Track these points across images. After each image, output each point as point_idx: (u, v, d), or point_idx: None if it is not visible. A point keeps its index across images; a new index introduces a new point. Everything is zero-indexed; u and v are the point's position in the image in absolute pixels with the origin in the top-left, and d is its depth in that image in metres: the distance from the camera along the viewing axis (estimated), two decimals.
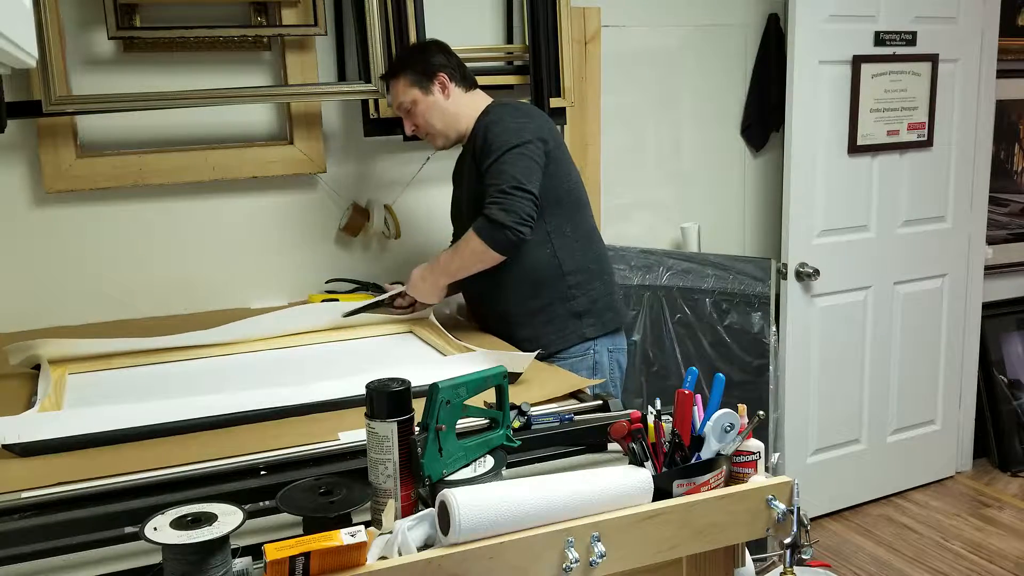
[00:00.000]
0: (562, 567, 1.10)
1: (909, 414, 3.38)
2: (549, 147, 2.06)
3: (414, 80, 2.13)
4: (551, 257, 2.10)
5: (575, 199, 2.15)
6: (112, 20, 2.18)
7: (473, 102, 2.17)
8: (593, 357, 2.15)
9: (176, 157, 2.35)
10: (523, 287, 2.11)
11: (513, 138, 2.01)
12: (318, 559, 0.97)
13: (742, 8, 3.09)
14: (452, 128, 2.17)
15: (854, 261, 3.13)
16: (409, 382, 1.20)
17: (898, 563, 2.93)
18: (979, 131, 3.34)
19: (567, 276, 2.12)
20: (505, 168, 1.98)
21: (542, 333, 2.11)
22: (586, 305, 2.14)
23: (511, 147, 2.00)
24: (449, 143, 2.20)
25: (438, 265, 2.11)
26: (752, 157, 3.21)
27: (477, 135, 2.09)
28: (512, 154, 1.99)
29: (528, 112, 2.13)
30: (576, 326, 2.13)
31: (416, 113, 2.15)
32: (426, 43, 2.24)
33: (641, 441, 1.29)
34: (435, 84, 2.13)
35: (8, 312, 2.26)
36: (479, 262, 2.03)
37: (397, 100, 2.17)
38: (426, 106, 2.14)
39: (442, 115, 2.15)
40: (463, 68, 2.19)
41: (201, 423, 1.49)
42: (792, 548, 1.24)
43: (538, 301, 2.11)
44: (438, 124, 2.16)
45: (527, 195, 1.96)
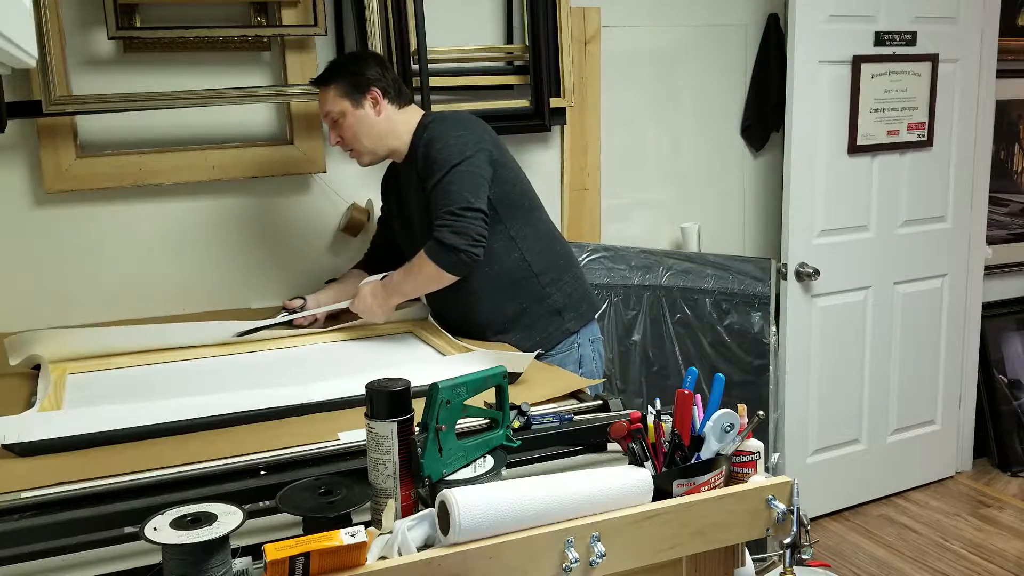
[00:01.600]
0: (562, 567, 1.10)
1: (909, 414, 3.38)
2: (493, 156, 2.03)
3: (345, 91, 2.05)
4: (520, 260, 2.09)
5: (529, 200, 2.14)
6: (112, 20, 2.18)
7: (406, 119, 2.10)
8: (578, 351, 2.15)
9: (176, 157, 2.35)
10: (498, 295, 2.09)
11: (455, 155, 1.97)
12: (318, 559, 0.97)
13: (742, 8, 3.09)
14: (381, 145, 2.10)
15: (854, 261, 3.13)
16: (409, 382, 1.20)
17: (898, 563, 2.93)
18: (979, 131, 3.34)
19: (539, 276, 2.11)
20: (451, 188, 1.94)
21: (526, 336, 2.09)
22: (563, 301, 2.13)
23: (454, 164, 1.96)
24: (376, 160, 2.14)
25: (391, 285, 2.05)
26: (752, 157, 3.21)
27: (418, 152, 2.03)
28: (456, 172, 1.95)
29: (466, 123, 2.07)
30: (558, 323, 2.13)
31: (344, 126, 2.07)
32: (363, 54, 2.18)
33: (641, 441, 1.29)
34: (367, 98, 2.05)
35: (8, 312, 2.26)
36: (434, 284, 2.01)
37: (325, 109, 2.08)
38: (355, 120, 2.06)
39: (370, 131, 2.07)
40: (399, 84, 2.12)
41: (201, 423, 1.49)
42: (792, 548, 1.24)
43: (516, 305, 2.10)
44: (365, 141, 2.08)
45: (476, 214, 1.93)
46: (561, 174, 2.87)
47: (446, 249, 1.92)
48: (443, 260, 1.94)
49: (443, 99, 2.60)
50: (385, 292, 2.06)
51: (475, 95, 2.65)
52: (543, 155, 2.84)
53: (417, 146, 2.05)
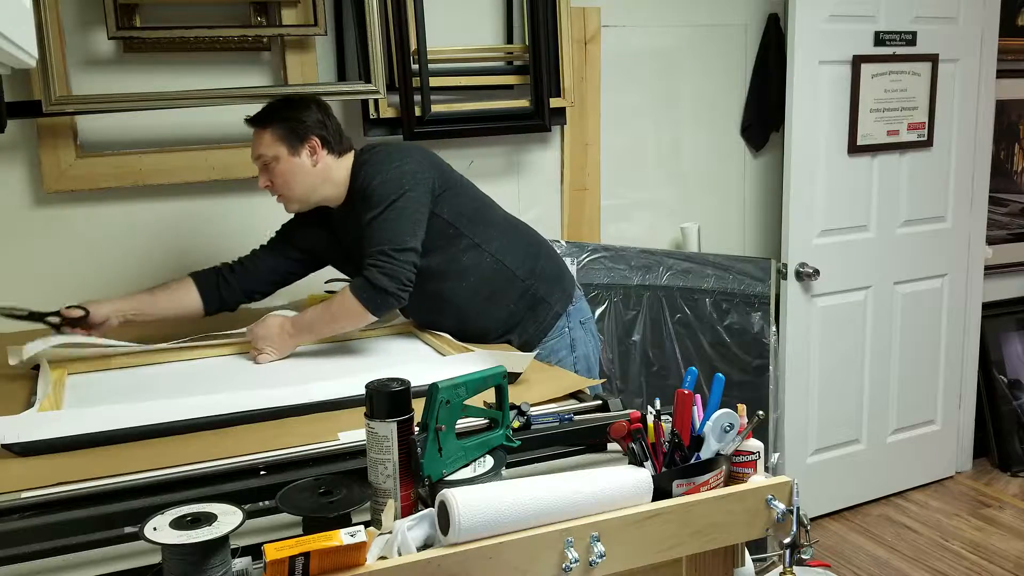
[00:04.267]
0: (562, 567, 1.10)
1: (909, 414, 3.38)
2: (434, 184, 1.98)
3: (282, 136, 1.95)
4: (494, 263, 2.06)
5: (479, 206, 2.10)
6: (112, 20, 2.18)
7: (344, 165, 2.02)
8: (569, 335, 2.14)
9: (176, 157, 2.35)
10: (485, 304, 2.07)
11: (394, 189, 1.91)
12: (318, 559, 0.97)
13: (742, 8, 3.09)
14: (313, 195, 2.01)
15: (854, 261, 3.13)
16: (409, 382, 1.20)
17: (898, 563, 2.93)
18: (979, 131, 3.34)
19: (516, 271, 2.09)
20: (386, 227, 1.90)
21: (523, 332, 2.09)
22: (545, 287, 2.12)
23: (391, 202, 1.91)
24: (304, 208, 2.05)
25: (302, 323, 1.95)
26: (752, 157, 3.21)
27: (357, 184, 1.98)
28: (393, 208, 1.90)
29: (403, 153, 2.00)
30: (546, 308, 2.12)
31: (275, 172, 1.97)
32: (306, 99, 2.03)
33: (641, 441, 1.29)
34: (304, 146, 1.96)
35: None
36: (354, 323, 1.95)
37: (258, 151, 1.98)
38: (288, 167, 1.96)
39: (303, 180, 1.98)
40: (339, 133, 2.03)
41: (201, 423, 1.49)
42: (792, 548, 1.24)
43: (504, 308, 2.08)
44: (297, 189, 1.99)
45: (409, 254, 1.89)
46: (561, 174, 2.87)
47: (375, 290, 1.88)
48: (370, 300, 1.89)
49: (443, 99, 2.60)
50: (295, 329, 1.95)
51: (475, 95, 2.65)
52: (543, 155, 2.84)
53: (357, 176, 1.99)
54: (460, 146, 2.66)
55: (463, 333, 2.07)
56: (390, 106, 2.51)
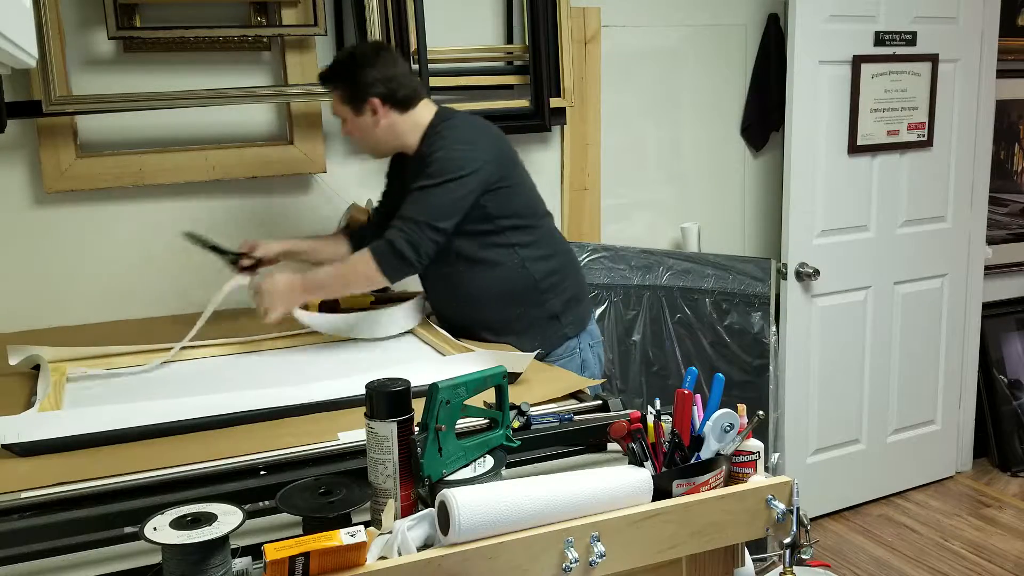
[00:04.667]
0: (562, 567, 1.10)
1: (909, 414, 3.38)
2: (491, 176, 1.99)
3: (345, 98, 2.03)
4: (520, 268, 2.08)
5: (533, 209, 2.12)
6: (112, 20, 2.18)
7: (413, 121, 2.05)
8: (579, 356, 2.16)
9: (176, 157, 2.35)
10: (498, 300, 2.08)
11: (451, 169, 1.94)
12: (318, 559, 0.97)
13: (742, 8, 3.09)
14: (379, 148, 2.11)
15: (854, 261, 3.13)
16: (409, 382, 1.20)
17: (898, 563, 2.93)
18: (979, 131, 3.34)
19: (539, 283, 2.10)
20: (429, 200, 1.93)
21: (524, 340, 2.08)
22: (561, 306, 2.13)
23: (444, 179, 1.93)
24: (381, 157, 2.17)
25: (314, 279, 1.96)
26: (752, 157, 3.21)
27: (423, 147, 2.03)
28: (443, 187, 1.93)
29: (476, 137, 2.03)
30: (556, 327, 2.13)
31: (348, 128, 2.08)
32: (365, 54, 2.04)
33: (641, 441, 1.29)
34: (366, 107, 2.01)
35: (8, 312, 2.26)
36: (362, 286, 1.97)
37: (332, 108, 2.10)
38: (355, 126, 2.06)
39: (369, 137, 2.07)
40: (402, 87, 2.03)
41: (201, 423, 1.49)
42: (792, 548, 1.24)
43: (514, 311, 2.09)
44: (365, 145, 2.11)
45: (437, 233, 1.92)
46: (561, 174, 2.87)
47: (394, 254, 1.90)
48: (387, 263, 1.90)
49: (443, 99, 2.59)
50: (304, 287, 1.96)
51: (475, 95, 2.65)
52: (543, 155, 2.84)
53: (428, 139, 2.04)
54: None
55: (467, 322, 2.09)
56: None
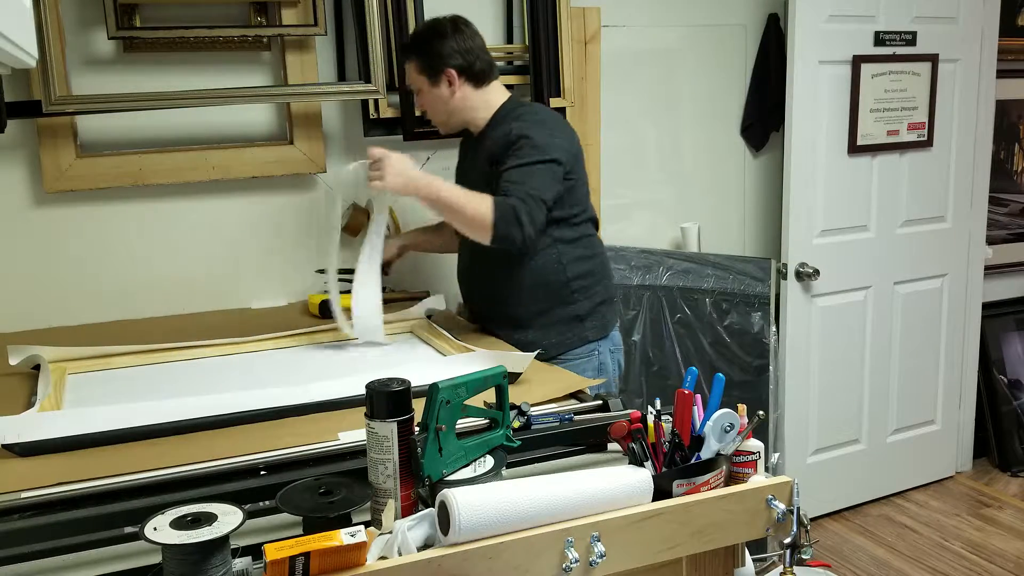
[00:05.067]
0: (562, 567, 1.10)
1: (909, 414, 3.38)
2: (567, 168, 2.04)
3: (423, 69, 2.09)
4: (555, 263, 2.10)
5: (582, 208, 2.15)
6: (112, 20, 2.18)
7: (485, 99, 2.13)
8: (598, 359, 2.17)
9: (176, 157, 2.35)
10: (528, 291, 2.10)
11: (545, 152, 1.99)
12: (318, 559, 0.97)
13: (742, 8, 3.09)
14: (456, 121, 2.15)
15: (854, 261, 3.13)
16: (409, 382, 1.20)
17: (898, 563, 2.93)
18: (979, 131, 3.34)
19: (571, 282, 2.12)
20: (536, 177, 1.97)
21: (544, 336, 2.10)
22: (587, 309, 2.15)
23: (540, 160, 1.98)
24: (451, 131, 2.19)
25: (434, 185, 1.94)
26: (752, 157, 3.21)
27: (497, 134, 2.07)
28: (541, 167, 1.98)
29: (560, 126, 2.11)
30: (578, 329, 2.14)
31: (423, 99, 2.14)
32: (444, 26, 2.09)
33: (641, 441, 1.29)
34: (443, 78, 2.08)
35: (8, 312, 2.26)
36: (470, 222, 1.93)
37: (408, 79, 2.17)
38: (430, 97, 2.12)
39: (443, 108, 2.12)
40: (479, 61, 2.10)
41: (201, 423, 1.49)
42: (792, 548, 1.24)
43: (541, 304, 2.11)
44: (437, 116, 2.15)
45: (545, 209, 1.97)
46: None
47: (514, 218, 1.90)
48: (503, 221, 1.90)
49: None
50: (425, 178, 1.94)
51: None
52: None
53: (496, 128, 2.08)
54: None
55: (491, 311, 2.11)
56: (390, 106, 2.51)
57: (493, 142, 2.07)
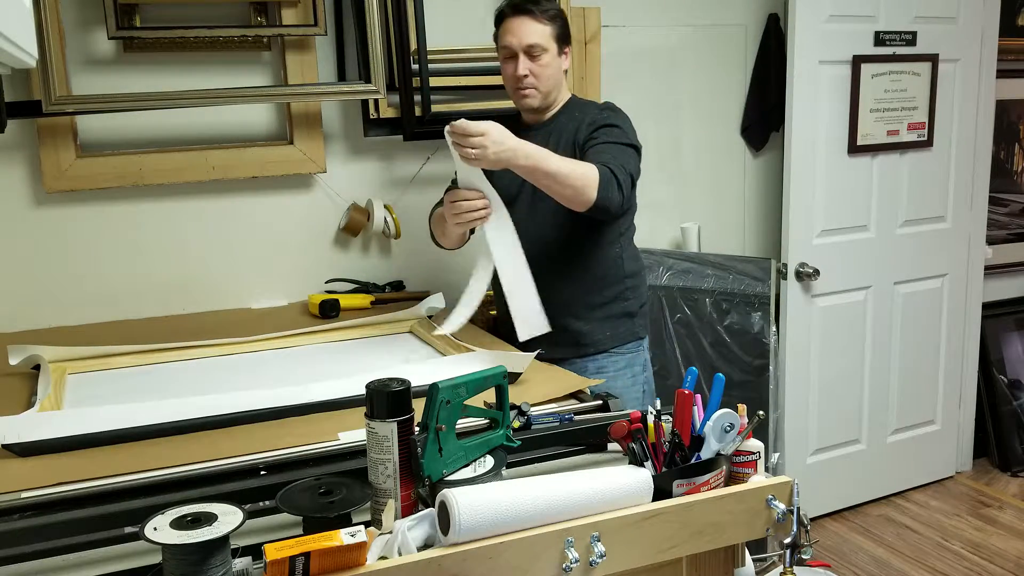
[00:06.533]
0: (562, 567, 1.10)
1: (909, 414, 3.38)
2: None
3: (558, 35, 2.07)
4: (616, 258, 2.13)
5: (635, 213, 2.19)
6: (112, 20, 2.18)
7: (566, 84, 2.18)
8: (643, 355, 2.21)
9: (176, 157, 2.35)
10: (587, 281, 2.11)
11: (633, 139, 2.03)
12: (318, 559, 0.97)
13: (742, 8, 3.09)
14: (554, 94, 2.12)
15: (854, 261, 3.13)
16: (409, 382, 1.20)
17: (898, 563, 2.93)
18: (979, 131, 3.34)
19: (626, 278, 2.15)
20: (626, 154, 1.97)
21: (598, 328, 2.12)
22: (636, 307, 2.18)
23: (630, 144, 2.01)
24: (540, 105, 2.11)
25: (539, 153, 1.82)
26: (752, 157, 3.21)
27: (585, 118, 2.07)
28: (630, 151, 2.00)
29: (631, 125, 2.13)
30: (630, 325, 2.17)
31: (540, 62, 2.04)
32: None
33: (641, 441, 1.29)
34: (566, 50, 2.10)
35: (8, 312, 2.26)
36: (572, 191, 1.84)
37: (532, 40, 2.02)
38: (552, 63, 2.07)
39: (557, 79, 2.10)
40: None
41: (201, 423, 1.49)
42: (792, 548, 1.24)
43: (599, 297, 2.13)
44: (547, 84, 2.08)
45: (632, 186, 1.97)
46: None
47: (617, 187, 1.88)
48: (607, 188, 1.86)
49: (443, 99, 2.60)
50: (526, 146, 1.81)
51: (475, 95, 2.65)
52: None
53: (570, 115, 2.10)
54: None
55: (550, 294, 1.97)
56: (390, 106, 2.51)
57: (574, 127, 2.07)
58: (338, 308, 2.31)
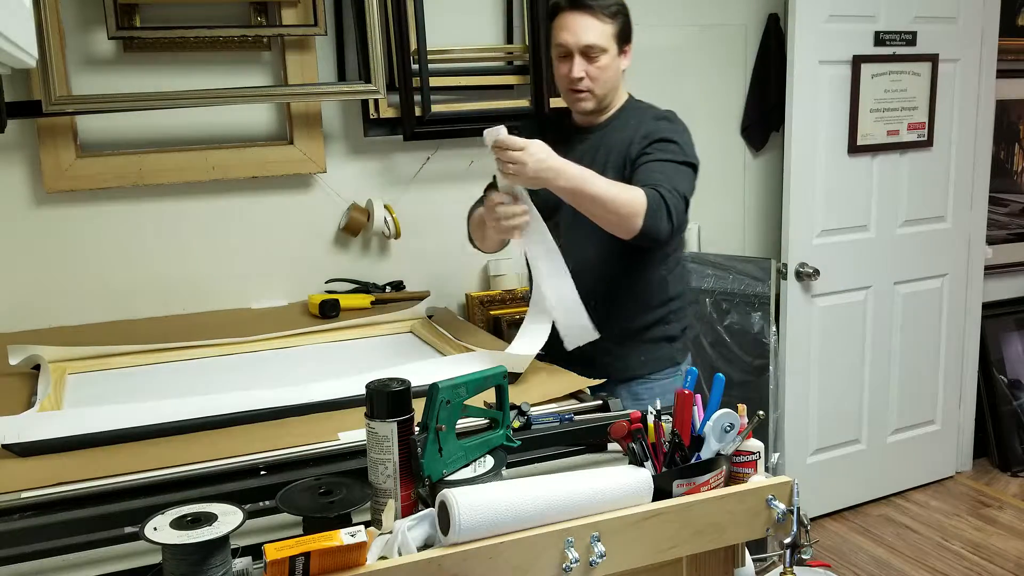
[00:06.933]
0: (562, 567, 1.10)
1: (909, 414, 3.38)
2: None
3: (619, 34, 1.91)
4: (661, 280, 1.98)
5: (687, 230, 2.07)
6: (112, 20, 2.18)
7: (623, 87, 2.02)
8: (679, 382, 2.01)
9: (176, 157, 2.35)
10: (627, 305, 1.97)
11: (686, 157, 1.89)
12: (318, 559, 0.97)
13: (742, 8, 3.09)
14: (610, 97, 1.97)
15: (854, 261, 3.13)
16: (409, 382, 1.20)
17: (898, 563, 2.93)
18: (979, 131, 3.34)
19: (670, 301, 2.01)
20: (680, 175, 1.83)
21: (632, 353, 1.98)
22: (678, 331, 2.04)
23: (686, 162, 1.87)
24: (595, 108, 1.96)
25: (583, 175, 1.71)
26: (752, 157, 3.21)
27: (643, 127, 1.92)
28: (685, 170, 1.87)
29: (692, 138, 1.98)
30: (668, 351, 2.03)
31: (598, 63, 1.89)
32: None
33: (641, 441, 1.29)
34: (627, 49, 1.95)
35: (8, 312, 2.26)
36: (616, 218, 1.72)
37: (590, 40, 1.87)
38: (613, 64, 1.91)
39: (614, 81, 1.95)
40: None
41: (201, 423, 1.49)
42: (792, 548, 1.24)
43: (638, 322, 1.99)
44: (604, 87, 1.93)
45: (685, 210, 1.83)
46: None
47: (667, 214, 1.74)
48: (655, 215, 1.72)
49: (443, 99, 2.60)
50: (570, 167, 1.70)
51: (475, 95, 2.65)
52: None
53: (626, 120, 1.96)
54: (460, 146, 2.66)
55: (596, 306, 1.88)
56: (390, 106, 2.51)
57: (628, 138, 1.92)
58: (338, 308, 2.31)
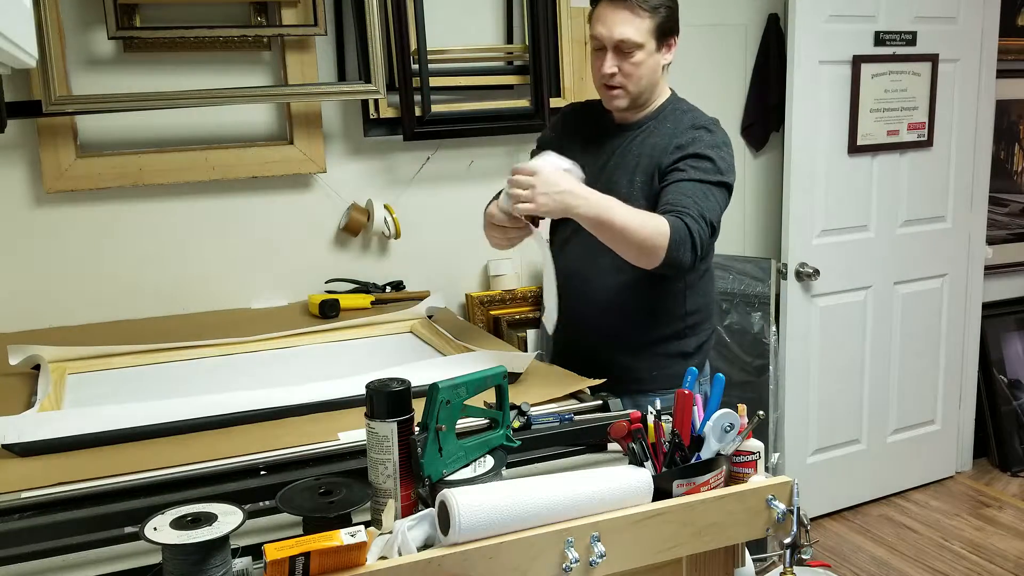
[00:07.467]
0: (562, 567, 1.10)
1: (909, 414, 3.38)
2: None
3: (658, 28, 1.78)
4: (679, 294, 1.90)
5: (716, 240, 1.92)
6: (112, 20, 2.18)
7: (664, 84, 1.91)
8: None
9: (176, 157, 2.35)
10: (641, 318, 1.90)
11: (721, 176, 1.78)
12: (318, 559, 0.97)
13: (742, 8, 3.09)
14: (647, 94, 1.86)
15: (854, 261, 3.13)
16: (409, 382, 1.20)
17: (898, 563, 2.93)
18: (979, 131, 3.34)
19: (687, 316, 1.92)
20: (711, 197, 1.74)
21: (644, 367, 1.91)
22: (694, 346, 1.95)
23: (720, 183, 1.77)
24: (628, 105, 1.86)
25: (600, 205, 1.64)
26: (752, 157, 3.21)
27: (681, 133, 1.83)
28: (717, 192, 1.76)
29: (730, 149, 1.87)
30: (681, 367, 1.82)
31: (633, 59, 1.78)
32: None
33: (641, 441, 1.29)
34: (667, 44, 1.82)
35: (8, 312, 2.26)
36: (637, 250, 1.65)
37: (623, 35, 1.76)
38: (648, 61, 1.80)
39: (652, 79, 1.83)
40: None
41: (201, 423, 1.49)
42: (792, 548, 1.24)
43: (652, 335, 1.91)
44: (641, 85, 1.83)
45: (710, 236, 1.74)
46: None
47: (691, 244, 1.65)
48: (678, 245, 1.64)
49: (443, 99, 2.60)
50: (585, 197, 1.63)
51: (475, 95, 2.65)
52: None
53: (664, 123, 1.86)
54: (460, 146, 2.66)
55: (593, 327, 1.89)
56: (390, 106, 2.51)
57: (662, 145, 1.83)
58: (338, 308, 2.31)
